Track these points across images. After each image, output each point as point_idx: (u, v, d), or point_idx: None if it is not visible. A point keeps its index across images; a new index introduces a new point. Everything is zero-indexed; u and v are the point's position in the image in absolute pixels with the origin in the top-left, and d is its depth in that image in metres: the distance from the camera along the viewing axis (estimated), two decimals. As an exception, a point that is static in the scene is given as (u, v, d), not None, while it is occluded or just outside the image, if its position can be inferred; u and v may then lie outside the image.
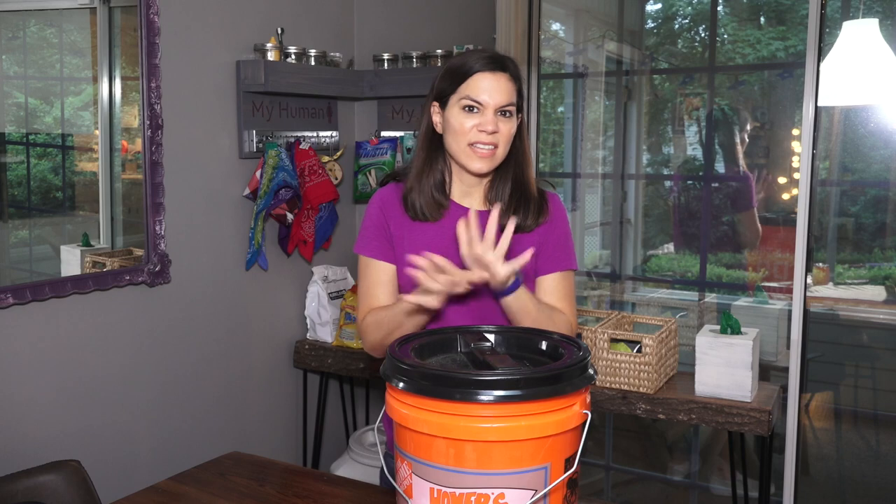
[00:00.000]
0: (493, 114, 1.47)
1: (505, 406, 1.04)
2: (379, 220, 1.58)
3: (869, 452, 3.37)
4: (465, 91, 1.48)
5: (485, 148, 1.48)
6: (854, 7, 2.94)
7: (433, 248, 1.52)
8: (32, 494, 1.75)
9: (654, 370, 2.31)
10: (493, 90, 1.47)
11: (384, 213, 1.58)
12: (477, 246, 1.36)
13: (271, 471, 1.78)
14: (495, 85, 1.47)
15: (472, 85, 1.47)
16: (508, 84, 1.49)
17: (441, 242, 1.54)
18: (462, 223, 1.37)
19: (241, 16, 2.62)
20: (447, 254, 1.51)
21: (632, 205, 3.87)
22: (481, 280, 1.38)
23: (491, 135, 1.47)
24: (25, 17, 2.16)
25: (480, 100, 1.47)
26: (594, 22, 3.76)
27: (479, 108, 1.47)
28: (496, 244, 1.38)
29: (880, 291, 3.42)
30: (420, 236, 1.55)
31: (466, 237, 1.37)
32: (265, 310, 2.80)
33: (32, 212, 2.23)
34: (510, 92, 1.48)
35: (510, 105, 1.48)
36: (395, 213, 1.58)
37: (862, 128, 3.46)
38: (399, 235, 1.56)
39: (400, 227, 1.57)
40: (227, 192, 2.63)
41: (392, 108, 3.12)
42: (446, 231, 1.54)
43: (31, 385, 2.11)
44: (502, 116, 1.48)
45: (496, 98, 1.47)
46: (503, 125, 1.48)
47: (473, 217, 1.38)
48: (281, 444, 2.94)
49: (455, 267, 1.37)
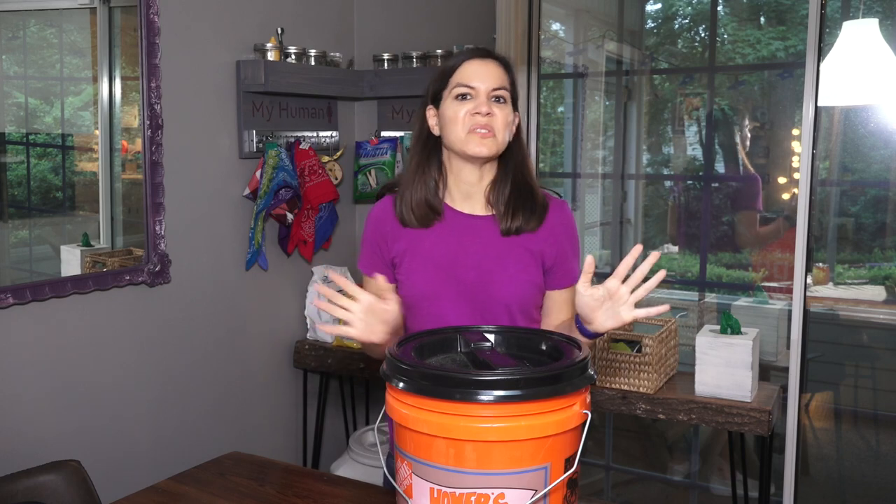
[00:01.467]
0: (487, 98, 1.47)
1: (505, 406, 1.04)
2: (374, 235, 1.58)
3: (869, 452, 3.37)
4: (455, 80, 1.49)
5: (482, 130, 1.47)
6: (854, 7, 2.94)
7: (436, 256, 1.51)
8: (32, 494, 1.75)
9: (654, 370, 2.31)
10: (484, 75, 1.48)
11: (380, 228, 1.57)
12: (621, 280, 1.30)
13: (271, 471, 1.78)
14: (484, 70, 1.48)
15: (462, 73, 1.49)
16: (498, 69, 1.50)
17: (443, 250, 1.52)
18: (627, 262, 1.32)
19: (241, 16, 2.62)
20: (453, 261, 1.51)
21: (632, 205, 3.87)
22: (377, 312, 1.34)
23: (486, 116, 1.47)
24: (25, 17, 2.16)
25: (472, 84, 1.48)
26: (594, 22, 3.76)
27: (472, 94, 1.48)
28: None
29: (880, 291, 3.42)
30: (422, 244, 1.53)
31: (623, 268, 1.31)
32: (265, 310, 2.80)
33: (32, 212, 2.23)
34: (501, 77, 1.50)
35: (502, 89, 1.49)
36: (395, 227, 1.56)
37: (862, 128, 3.46)
38: (402, 249, 1.54)
39: (401, 240, 1.55)
40: (227, 192, 2.63)
41: (392, 108, 3.12)
42: (446, 238, 1.53)
43: (32, 385, 2.11)
44: (496, 102, 1.49)
45: (487, 82, 1.48)
46: (498, 110, 1.48)
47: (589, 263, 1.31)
48: (281, 444, 2.94)
49: (358, 289, 1.35)
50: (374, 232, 1.58)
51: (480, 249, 1.52)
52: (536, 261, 1.53)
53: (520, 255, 1.52)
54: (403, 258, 1.54)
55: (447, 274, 1.50)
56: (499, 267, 1.51)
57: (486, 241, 1.52)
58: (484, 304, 1.50)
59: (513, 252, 1.52)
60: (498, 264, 1.51)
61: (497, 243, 1.52)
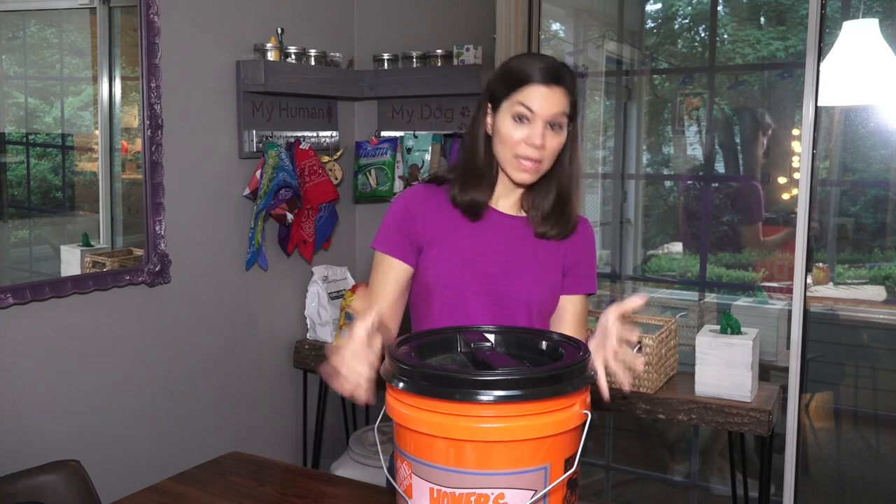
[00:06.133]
0: (543, 126, 1.44)
1: (505, 406, 1.03)
2: (403, 218, 1.55)
3: (869, 452, 3.37)
4: (517, 98, 1.45)
5: (529, 162, 1.45)
6: (854, 7, 2.94)
7: (467, 250, 1.52)
8: (32, 494, 1.75)
9: (654, 370, 2.31)
10: (546, 103, 1.43)
11: (411, 212, 1.55)
12: (619, 349, 1.25)
13: (271, 471, 1.78)
14: (549, 98, 1.43)
15: (526, 94, 1.44)
16: (563, 98, 1.45)
17: (474, 242, 1.53)
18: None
19: (241, 16, 2.62)
20: (480, 255, 1.52)
21: (632, 205, 3.87)
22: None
23: (538, 149, 1.44)
24: (25, 17, 2.16)
25: (533, 109, 1.43)
26: (594, 22, 3.76)
27: (529, 119, 1.44)
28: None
29: (880, 291, 3.42)
30: (454, 236, 1.54)
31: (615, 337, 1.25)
32: (265, 310, 2.80)
33: (32, 212, 2.23)
34: (563, 103, 1.45)
35: (561, 115, 1.45)
36: (428, 213, 1.55)
37: (862, 128, 3.46)
38: (432, 236, 1.54)
39: (434, 228, 1.54)
40: (227, 192, 2.63)
41: (392, 108, 3.12)
42: (481, 232, 1.54)
43: (31, 385, 2.11)
44: (551, 130, 1.45)
45: (548, 110, 1.43)
46: (551, 139, 1.45)
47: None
48: (281, 444, 2.94)
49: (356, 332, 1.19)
50: (403, 212, 1.56)
51: (509, 248, 1.53)
52: (559, 265, 1.56)
53: (546, 258, 1.54)
54: (432, 245, 1.54)
55: (473, 267, 1.52)
56: (524, 267, 1.53)
57: (516, 240, 1.54)
58: (505, 301, 1.51)
59: (540, 255, 1.54)
60: (523, 264, 1.53)
61: (526, 244, 1.54)
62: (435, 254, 1.53)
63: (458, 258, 1.52)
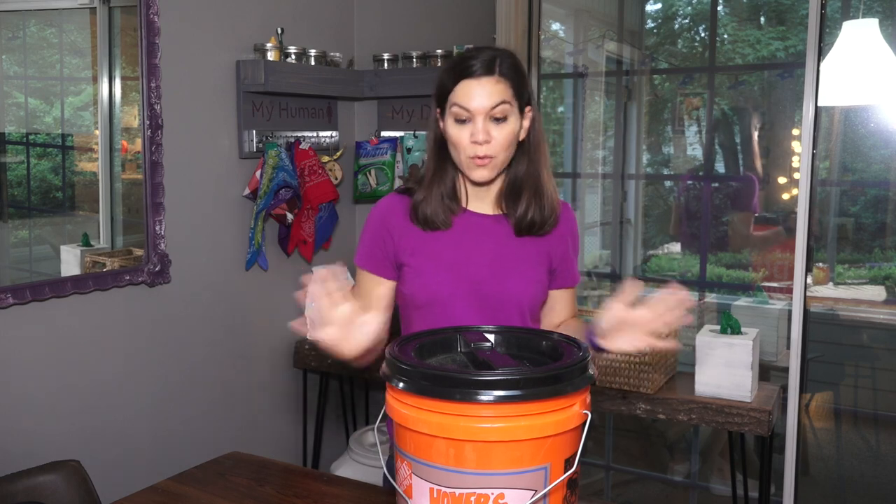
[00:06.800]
0: (484, 121, 1.41)
1: (505, 406, 1.03)
2: (380, 233, 1.53)
3: (869, 452, 3.37)
4: (452, 100, 1.43)
5: (480, 159, 1.43)
6: (854, 7, 2.94)
7: (447, 257, 1.50)
8: (32, 494, 1.75)
9: (654, 370, 2.31)
10: (479, 95, 1.40)
11: (387, 226, 1.53)
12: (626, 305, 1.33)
13: (271, 471, 1.78)
14: (480, 90, 1.40)
15: (459, 93, 1.42)
16: (497, 86, 1.41)
17: (454, 250, 1.50)
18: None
19: (241, 16, 2.62)
20: (463, 261, 1.50)
21: (632, 205, 3.87)
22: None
23: (484, 145, 1.41)
24: (25, 17, 2.16)
25: (469, 108, 1.41)
26: (594, 22, 3.76)
27: (469, 118, 1.41)
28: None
29: (880, 291, 3.42)
30: (433, 244, 1.51)
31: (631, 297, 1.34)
32: (265, 310, 2.80)
33: (32, 212, 2.23)
34: (499, 92, 1.41)
35: (501, 104, 1.41)
36: (402, 223, 1.52)
37: (862, 128, 3.46)
38: (412, 248, 1.51)
39: (412, 238, 1.52)
40: (227, 192, 2.63)
41: (392, 108, 3.12)
42: (461, 237, 1.51)
43: (31, 385, 2.11)
44: (494, 123, 1.42)
45: (484, 103, 1.40)
46: (497, 132, 1.42)
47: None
48: (281, 444, 2.94)
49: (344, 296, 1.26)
50: (379, 226, 1.53)
51: (493, 249, 1.51)
52: (545, 261, 1.54)
53: (531, 255, 1.52)
54: (412, 257, 1.51)
55: (459, 274, 1.49)
56: (512, 266, 1.50)
57: (498, 240, 1.52)
58: (496, 303, 1.49)
59: (525, 252, 1.52)
60: (511, 264, 1.50)
61: (509, 243, 1.52)
62: (416, 267, 1.50)
63: (441, 268, 1.49)
